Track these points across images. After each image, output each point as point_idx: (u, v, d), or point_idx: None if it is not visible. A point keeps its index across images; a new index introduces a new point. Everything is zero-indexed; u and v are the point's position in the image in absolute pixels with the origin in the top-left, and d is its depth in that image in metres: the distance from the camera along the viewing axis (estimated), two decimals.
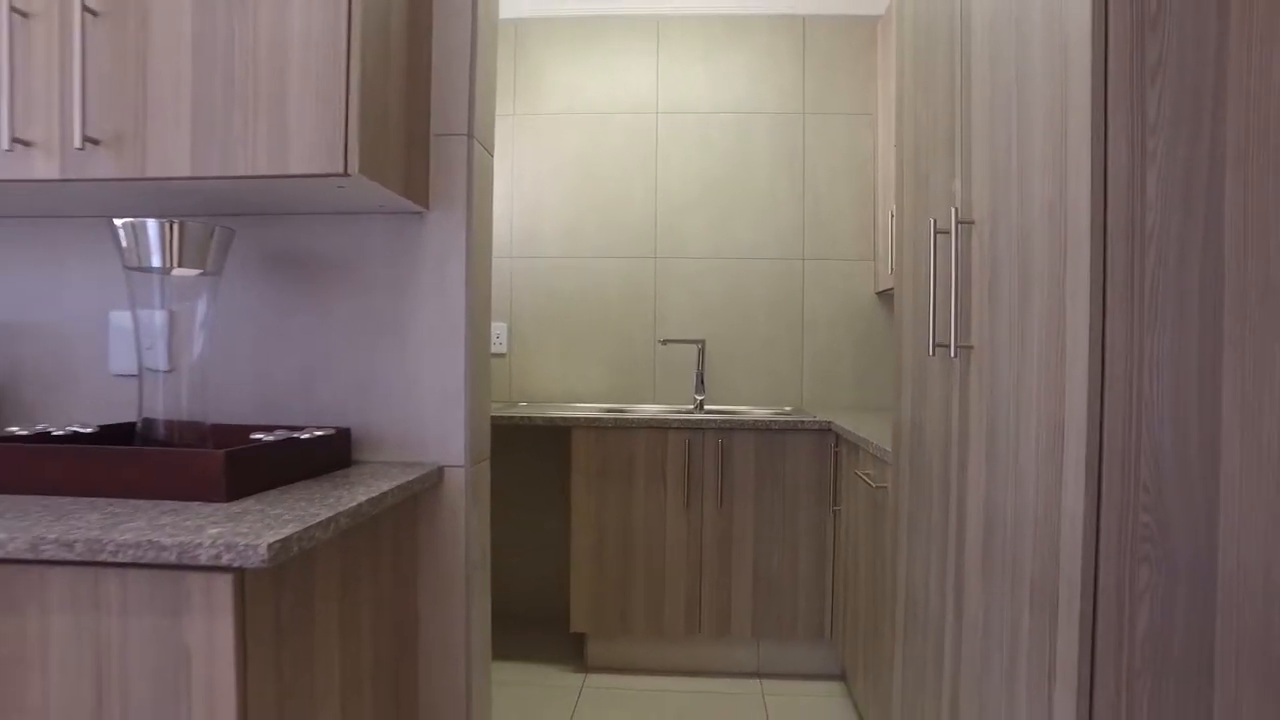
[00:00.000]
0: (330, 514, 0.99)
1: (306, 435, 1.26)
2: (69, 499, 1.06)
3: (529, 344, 3.13)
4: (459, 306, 1.40)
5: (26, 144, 1.16)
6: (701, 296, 3.05)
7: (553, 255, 3.12)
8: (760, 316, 3.03)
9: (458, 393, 1.40)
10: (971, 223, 1.14)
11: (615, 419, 2.53)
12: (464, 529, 1.39)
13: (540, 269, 3.12)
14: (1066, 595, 0.86)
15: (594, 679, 2.55)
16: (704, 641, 2.59)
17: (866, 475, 1.97)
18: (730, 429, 2.51)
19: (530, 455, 3.09)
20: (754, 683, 2.52)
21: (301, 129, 1.12)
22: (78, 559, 0.87)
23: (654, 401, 3.07)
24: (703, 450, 2.53)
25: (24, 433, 1.24)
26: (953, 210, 1.15)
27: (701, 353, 2.96)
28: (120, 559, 0.86)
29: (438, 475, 1.39)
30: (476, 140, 1.42)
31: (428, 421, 1.40)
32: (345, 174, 1.11)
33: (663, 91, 3.08)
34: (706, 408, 2.99)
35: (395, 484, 1.20)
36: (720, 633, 2.53)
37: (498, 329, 3.15)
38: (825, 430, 2.49)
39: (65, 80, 1.15)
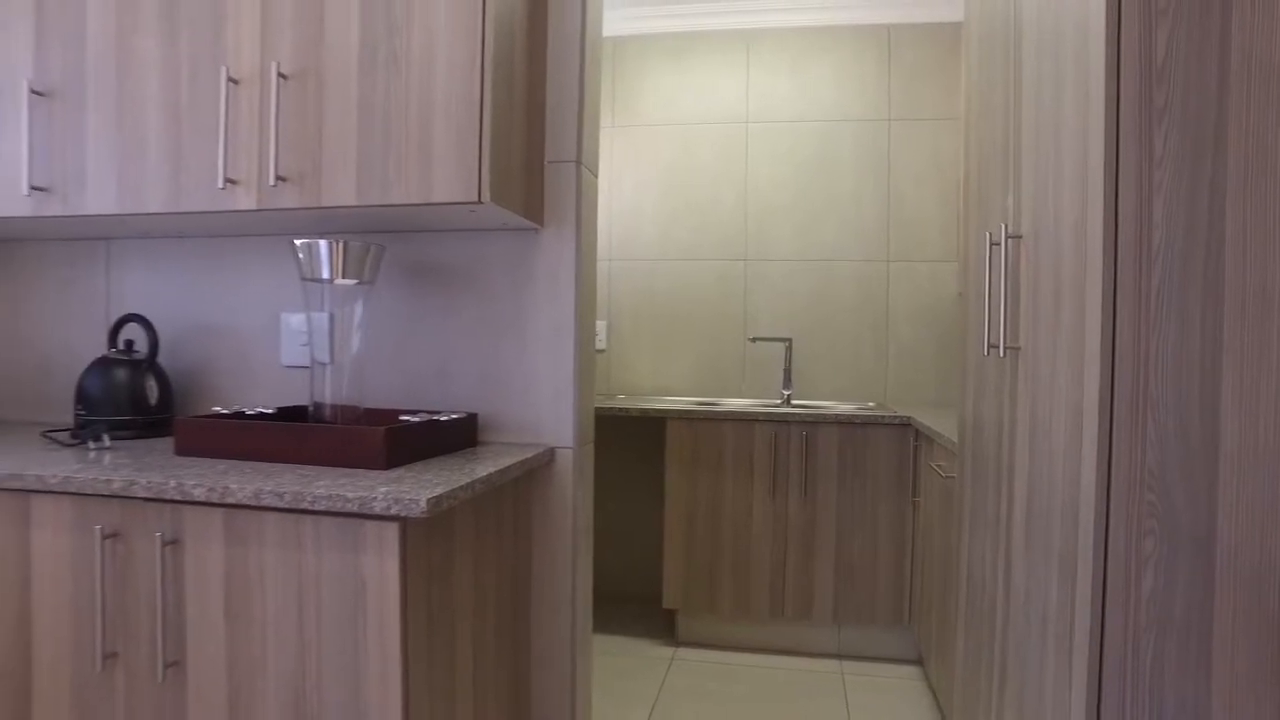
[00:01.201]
0: (468, 480, 1.23)
1: (443, 418, 1.52)
2: (266, 463, 1.34)
3: (627, 341, 3.36)
4: (569, 310, 1.62)
5: (234, 182, 1.45)
6: (789, 297, 3.21)
7: (649, 258, 3.34)
8: (845, 316, 3.16)
9: (567, 384, 1.63)
10: (1019, 237, 1.28)
11: (706, 411, 2.73)
12: (571, 501, 1.62)
13: (637, 271, 3.35)
14: (1082, 563, 1.01)
15: (683, 652, 2.75)
16: (787, 622, 2.76)
17: (939, 467, 2.10)
18: (814, 422, 2.67)
19: (627, 445, 3.33)
20: (834, 663, 2.68)
21: (443, 166, 1.37)
22: (286, 506, 1.13)
23: (742, 396, 3.25)
24: (788, 442, 2.69)
25: (226, 412, 1.54)
26: (1003, 226, 1.29)
27: (789, 350, 3.12)
28: (316, 508, 1.12)
29: (550, 455, 1.62)
30: (584, 166, 1.64)
31: (542, 409, 1.64)
32: (479, 202, 1.35)
33: (752, 102, 3.25)
34: (793, 402, 3.14)
35: (515, 460, 1.44)
36: (802, 615, 2.69)
37: (598, 326, 3.39)
38: (905, 425, 2.61)
39: (264, 131, 1.43)
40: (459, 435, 1.56)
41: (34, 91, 1.55)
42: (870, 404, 3.06)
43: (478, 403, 1.67)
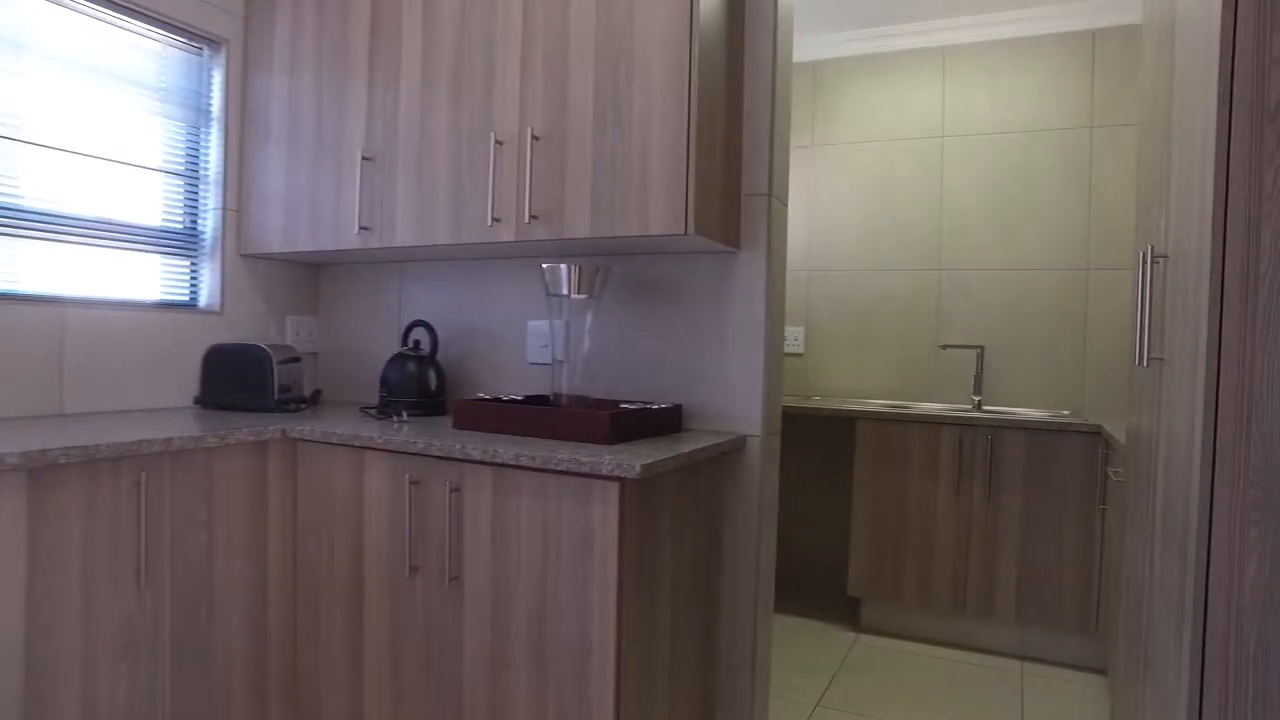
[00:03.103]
0: (673, 454, 1.56)
1: (655, 407, 1.87)
2: (520, 436, 1.76)
3: (823, 345, 3.58)
4: (760, 320, 1.92)
5: (499, 220, 1.89)
6: (982, 305, 3.27)
7: (846, 268, 3.54)
8: (1040, 324, 3.18)
9: (757, 382, 1.92)
10: (1165, 257, 1.41)
11: (893, 413, 2.90)
12: (758, 480, 1.92)
13: (835, 280, 3.56)
14: (1191, 551, 1.15)
15: (865, 638, 2.94)
16: (969, 618, 2.86)
17: (1117, 473, 2.15)
18: (1000, 427, 2.75)
19: (819, 442, 3.55)
20: (1015, 664, 2.74)
21: (657, 205, 1.71)
22: (537, 467, 1.53)
23: (934, 400, 3.36)
24: (973, 445, 2.80)
25: (488, 397, 1.99)
26: (1150, 246, 1.42)
27: (980, 357, 3.19)
28: (559, 469, 1.50)
29: (741, 442, 1.92)
30: (774, 197, 1.93)
31: (735, 402, 1.95)
32: (685, 234, 1.69)
33: (948, 117, 3.35)
34: (984, 408, 3.21)
35: (711, 443, 1.76)
36: (984, 611, 2.79)
37: (796, 332, 3.64)
38: (1095, 433, 2.63)
39: (521, 181, 1.86)
40: (667, 421, 1.90)
41: (364, 158, 2.09)
42: (1065, 412, 3.06)
43: (683, 395, 2.01)
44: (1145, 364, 1.49)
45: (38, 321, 1.92)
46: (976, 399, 3.19)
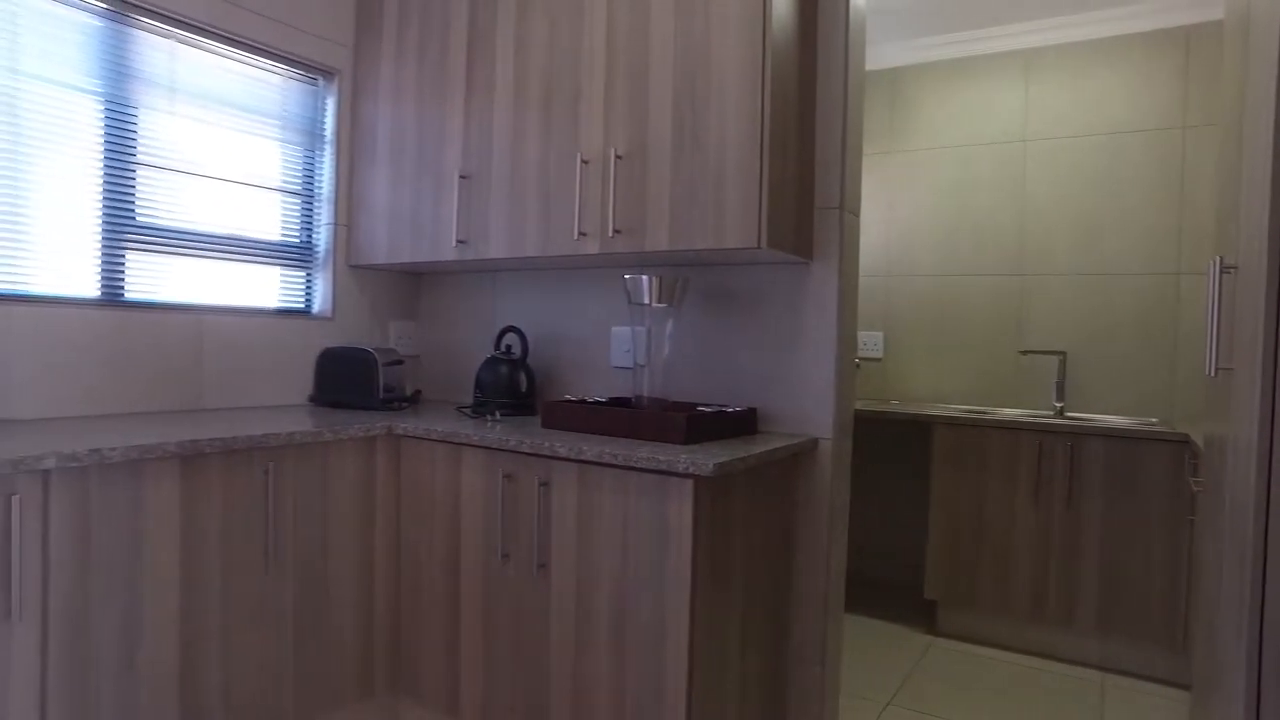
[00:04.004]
0: (745, 454, 1.67)
1: (730, 409, 1.97)
2: (603, 435, 1.89)
3: (902, 350, 3.60)
4: (831, 327, 2.00)
5: (584, 234, 2.03)
6: (1065, 310, 3.24)
7: (925, 273, 3.55)
8: (1127, 329, 3.12)
9: (829, 387, 2.00)
10: (1235, 268, 1.42)
11: (971, 418, 2.91)
12: (830, 482, 1.99)
13: (913, 285, 3.58)
14: (1249, 559, 1.18)
15: (940, 641, 2.96)
16: (1048, 626, 2.84)
17: (1198, 483, 2.13)
18: (1081, 434, 2.73)
19: (897, 446, 3.57)
20: (1095, 674, 2.72)
21: (733, 220, 1.81)
22: (619, 464, 1.65)
23: (1014, 406, 3.34)
24: (1053, 452, 2.79)
25: (574, 399, 2.13)
26: (1219, 257, 1.44)
27: (1062, 363, 3.16)
28: (639, 466, 1.63)
29: (813, 444, 2.01)
30: (846, 210, 2.00)
31: (808, 406, 2.03)
32: (758, 247, 1.78)
33: (1031, 120, 3.32)
34: (1066, 414, 3.18)
35: (783, 444, 1.85)
36: (1064, 620, 2.77)
37: (875, 337, 3.67)
38: (1183, 442, 2.59)
39: (605, 198, 2.00)
40: (742, 423, 2.00)
41: (461, 176, 2.27)
42: (1153, 419, 3.00)
43: (758, 399, 2.11)
44: (1215, 373, 1.50)
45: (181, 328, 2.16)
46: (1058, 405, 3.16)
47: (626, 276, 2.02)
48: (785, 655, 2.04)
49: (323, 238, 2.58)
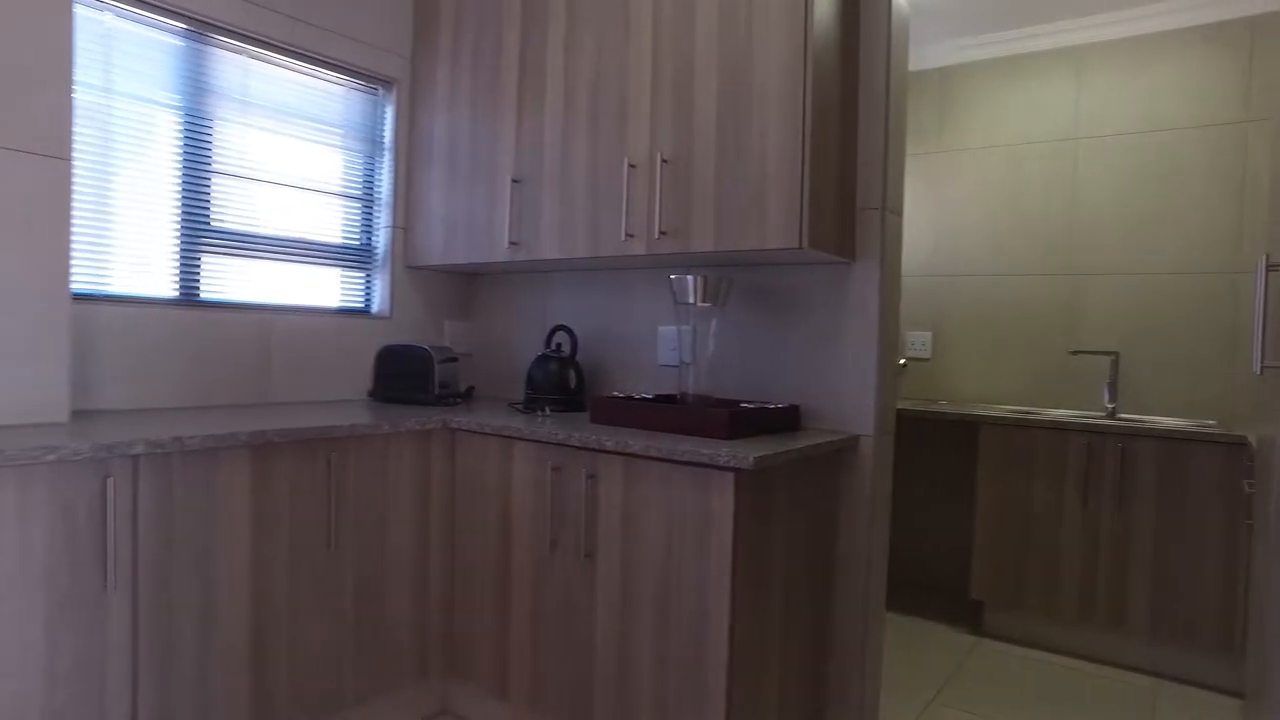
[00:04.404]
0: (785, 449, 1.71)
1: (772, 406, 2.01)
2: (648, 430, 1.95)
3: (950, 351, 3.59)
4: (873, 326, 2.03)
5: (631, 236, 2.10)
6: (1118, 310, 3.19)
7: (974, 273, 3.53)
8: (1183, 330, 3.06)
9: (871, 385, 2.03)
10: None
11: (1018, 419, 2.90)
12: (870, 478, 2.02)
13: (962, 285, 3.56)
14: None
15: (986, 643, 2.95)
16: (1097, 630, 2.81)
17: (1251, 485, 2.10)
18: (1132, 436, 2.70)
19: (944, 446, 3.56)
20: (1146, 680, 2.67)
21: (774, 221, 1.86)
22: (663, 457, 1.71)
23: (1065, 407, 3.30)
24: (1103, 453, 2.76)
25: (621, 395, 2.20)
26: (1265, 255, 1.44)
27: (1115, 363, 3.12)
28: (682, 459, 1.68)
29: (854, 441, 2.04)
30: (888, 210, 2.03)
31: (849, 404, 2.06)
32: (800, 248, 1.83)
33: (1082, 118, 3.28)
34: (1119, 416, 3.13)
35: (823, 441, 1.89)
36: (1114, 624, 2.74)
37: (923, 337, 3.67)
38: (1240, 444, 2.54)
39: (651, 201, 2.06)
40: (784, 420, 2.04)
41: (514, 181, 2.36)
42: (1210, 421, 2.95)
43: (800, 397, 2.15)
44: (1261, 371, 1.50)
45: (251, 326, 2.29)
46: (1110, 406, 3.11)
47: (672, 277, 2.08)
48: (826, 646, 2.07)
49: (382, 240, 2.70)
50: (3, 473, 1.38)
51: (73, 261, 1.93)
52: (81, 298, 1.97)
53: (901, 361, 3.74)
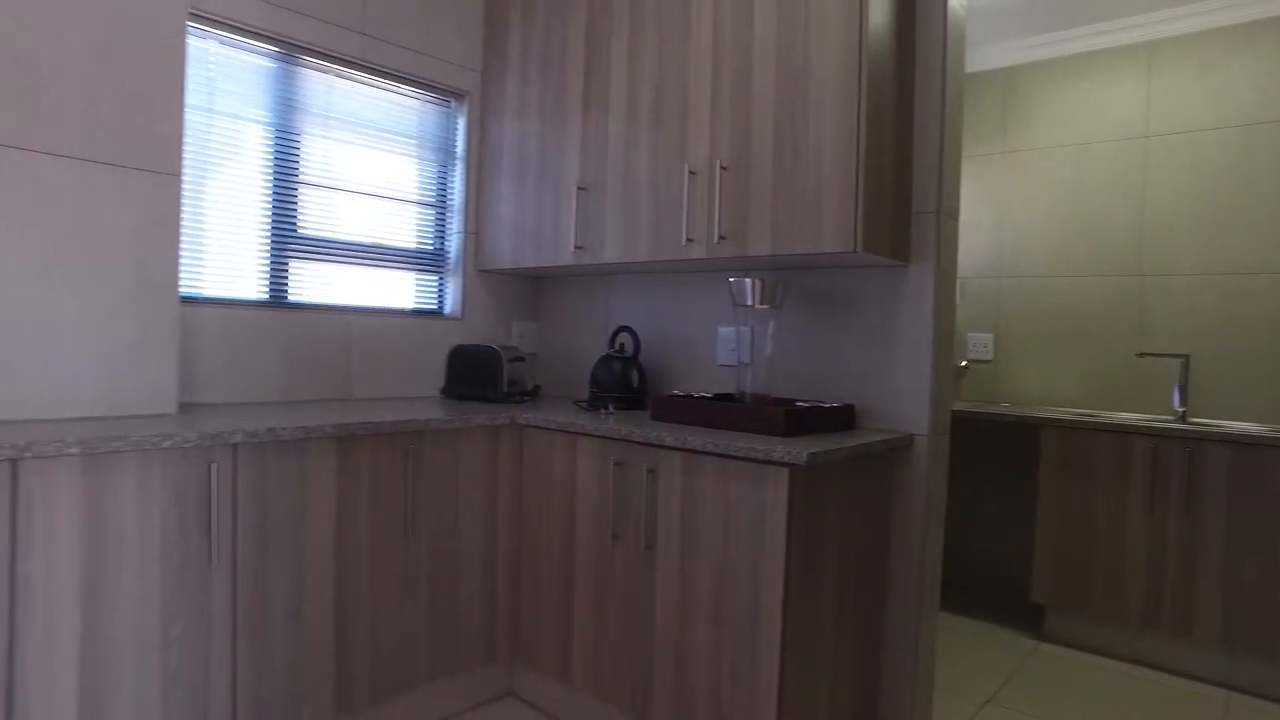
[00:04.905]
0: (837, 447, 1.77)
1: (826, 405, 2.07)
2: (707, 427, 2.03)
3: (1013, 352, 3.57)
4: (928, 328, 2.06)
5: (691, 241, 2.18)
6: (1189, 311, 3.12)
7: (1037, 274, 3.50)
8: (1260, 332, 2.98)
9: (925, 386, 2.07)
10: None
11: (1080, 421, 2.87)
12: (925, 478, 2.06)
13: (1026, 286, 3.53)
14: None
15: (1047, 647, 2.93)
16: (1164, 638, 2.77)
17: None
18: (1201, 440, 2.65)
19: (1005, 448, 3.53)
20: (1219, 692, 2.61)
21: (830, 226, 1.91)
22: (720, 453, 1.79)
23: (1131, 410, 3.24)
24: (1169, 458, 2.71)
25: (681, 394, 2.28)
26: None
27: (1185, 366, 3.06)
28: (738, 455, 1.75)
29: (909, 440, 2.08)
30: (944, 214, 2.06)
31: (904, 404, 2.10)
32: (854, 251, 1.88)
33: (1152, 115, 3.22)
34: (1190, 419, 3.07)
35: (876, 439, 1.93)
36: (1182, 632, 2.69)
37: (984, 339, 3.65)
38: None
39: (710, 206, 2.14)
40: (839, 419, 2.10)
41: (579, 188, 2.46)
42: None
43: (856, 396, 2.19)
44: None
45: (333, 326, 2.45)
46: (1180, 410, 3.05)
47: (731, 280, 2.15)
48: (878, 641, 2.11)
49: (453, 245, 2.84)
50: (127, 457, 1.54)
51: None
52: (184, 300, 2.15)
53: (962, 363, 3.72)
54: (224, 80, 2.22)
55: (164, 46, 1.89)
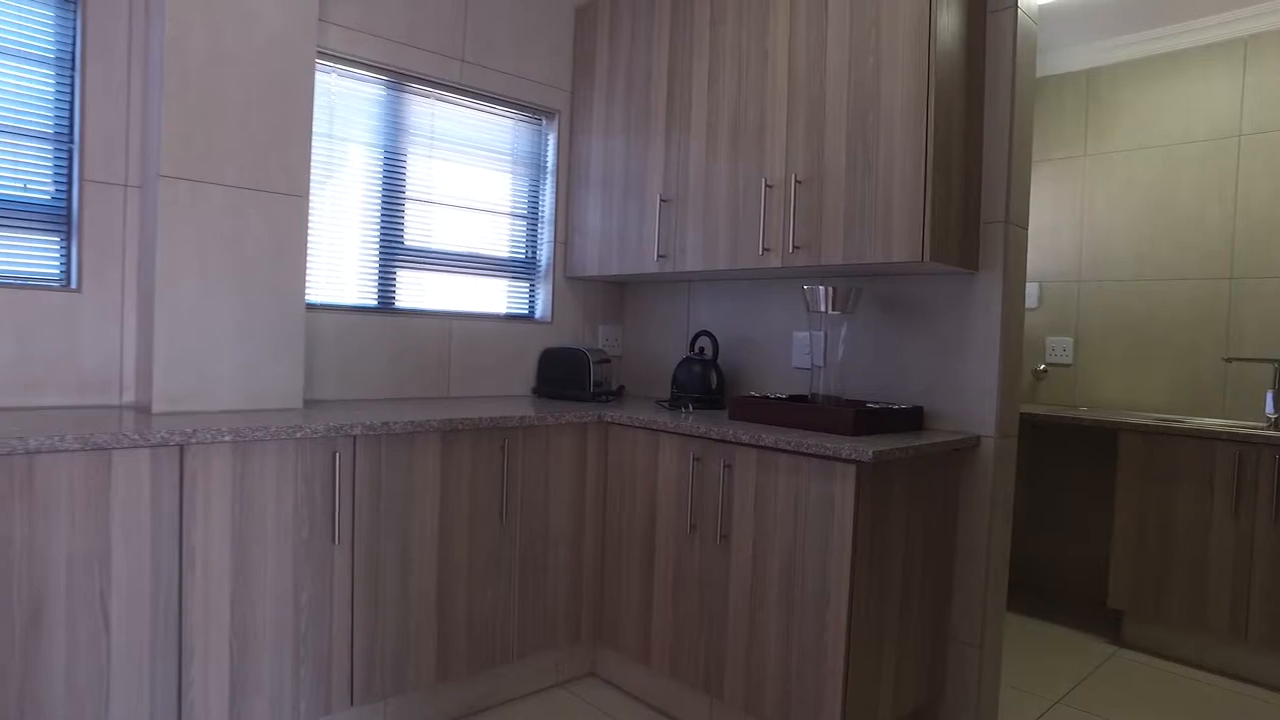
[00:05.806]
0: (903, 446, 1.86)
1: (895, 407, 2.16)
2: (781, 426, 2.15)
3: (1094, 357, 3.54)
4: (995, 333, 2.13)
5: (768, 250, 2.30)
6: None
7: (1121, 278, 3.47)
8: None
9: (993, 389, 2.14)
10: None
11: (1160, 426, 2.86)
12: (991, 479, 2.13)
13: (1108, 290, 3.51)
14: None
15: (1125, 653, 2.92)
16: (1251, 648, 2.73)
17: None
18: None
19: (1083, 453, 3.51)
20: None
21: (899, 236, 2.01)
22: (792, 450, 1.91)
23: (1219, 415, 3.19)
24: (1256, 464, 2.68)
25: (757, 395, 2.41)
26: None
27: (1278, 372, 2.99)
28: (809, 452, 1.87)
29: (975, 441, 2.15)
30: (1012, 224, 2.13)
31: (972, 407, 2.17)
32: (922, 261, 1.97)
33: (1247, 112, 3.16)
34: None
35: (942, 440, 2.02)
36: (1271, 644, 2.65)
37: (1064, 343, 3.63)
38: None
39: (786, 217, 2.26)
40: (907, 420, 2.18)
41: (662, 200, 2.62)
42: None
43: (924, 399, 2.28)
44: None
45: (435, 330, 2.68)
46: (1273, 416, 2.99)
47: (805, 287, 2.26)
48: (944, 634, 2.19)
49: (544, 254, 3.04)
50: (268, 445, 1.78)
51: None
52: (308, 307, 2.40)
53: (1041, 367, 3.71)
54: (341, 108, 2.47)
55: (298, 84, 2.13)
